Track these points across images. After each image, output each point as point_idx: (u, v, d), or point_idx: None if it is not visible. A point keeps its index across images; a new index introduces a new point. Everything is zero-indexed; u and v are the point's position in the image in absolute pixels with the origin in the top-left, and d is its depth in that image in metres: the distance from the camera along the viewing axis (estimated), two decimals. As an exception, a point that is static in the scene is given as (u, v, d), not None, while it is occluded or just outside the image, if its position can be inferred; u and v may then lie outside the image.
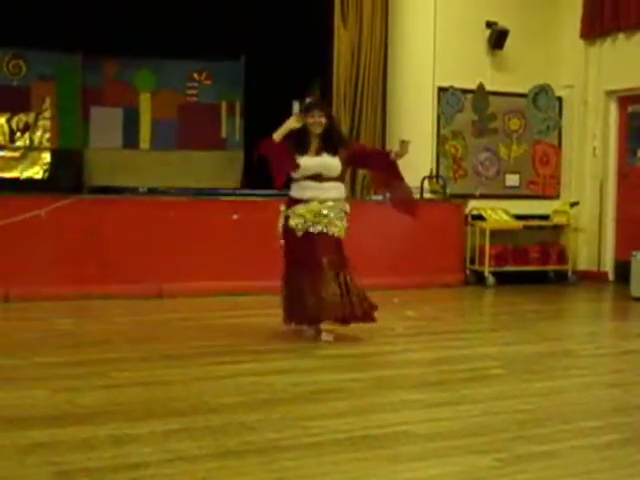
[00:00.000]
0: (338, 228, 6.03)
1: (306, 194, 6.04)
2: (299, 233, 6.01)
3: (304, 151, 6.07)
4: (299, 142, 6.08)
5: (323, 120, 6.08)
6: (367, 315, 6.04)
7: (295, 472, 3.16)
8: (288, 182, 6.21)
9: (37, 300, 7.62)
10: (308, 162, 6.04)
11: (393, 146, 9.56)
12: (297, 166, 6.02)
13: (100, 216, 8.20)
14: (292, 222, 6.03)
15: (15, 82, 11.24)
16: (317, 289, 5.85)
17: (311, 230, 6.00)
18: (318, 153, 6.07)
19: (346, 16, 10.15)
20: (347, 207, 6.18)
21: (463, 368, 5.17)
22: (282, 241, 6.13)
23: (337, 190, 6.12)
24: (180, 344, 5.79)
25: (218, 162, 12.01)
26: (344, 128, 9.91)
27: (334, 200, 6.06)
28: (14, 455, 3.30)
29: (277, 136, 6.00)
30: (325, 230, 6.00)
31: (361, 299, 6.00)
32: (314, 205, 6.01)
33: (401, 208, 6.54)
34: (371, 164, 6.64)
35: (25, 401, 4.16)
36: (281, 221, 6.12)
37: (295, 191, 6.11)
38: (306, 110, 6.14)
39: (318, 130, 6.07)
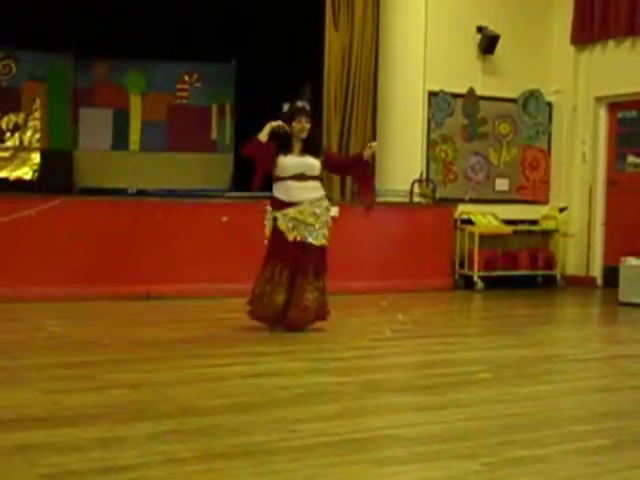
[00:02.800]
0: (325, 239, 6.36)
1: (293, 196, 6.31)
2: (289, 237, 6.26)
3: (287, 152, 6.38)
4: (282, 144, 6.39)
5: (308, 126, 6.42)
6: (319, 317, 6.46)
7: (283, 475, 3.15)
8: (269, 183, 6.45)
9: (25, 301, 7.60)
10: (291, 161, 6.37)
11: (383, 152, 9.62)
12: (275, 164, 6.34)
13: (89, 217, 8.18)
14: (282, 225, 6.30)
15: (5, 82, 11.21)
16: (291, 297, 6.27)
17: (300, 239, 6.27)
18: (301, 154, 6.40)
19: (337, 19, 10.15)
20: (331, 207, 6.55)
21: (451, 372, 5.18)
22: (267, 238, 6.40)
23: (319, 189, 6.46)
24: (168, 346, 5.78)
25: (208, 164, 12.00)
26: (334, 131, 9.94)
27: (320, 199, 6.40)
28: (0, 457, 3.28)
29: (263, 136, 6.30)
30: (314, 242, 6.29)
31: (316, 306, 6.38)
32: (305, 206, 6.29)
33: (361, 198, 7.02)
34: (343, 168, 7.09)
35: (12, 402, 4.13)
36: (268, 222, 6.38)
37: (280, 193, 6.38)
38: (294, 115, 6.39)
39: (303, 135, 6.41)
